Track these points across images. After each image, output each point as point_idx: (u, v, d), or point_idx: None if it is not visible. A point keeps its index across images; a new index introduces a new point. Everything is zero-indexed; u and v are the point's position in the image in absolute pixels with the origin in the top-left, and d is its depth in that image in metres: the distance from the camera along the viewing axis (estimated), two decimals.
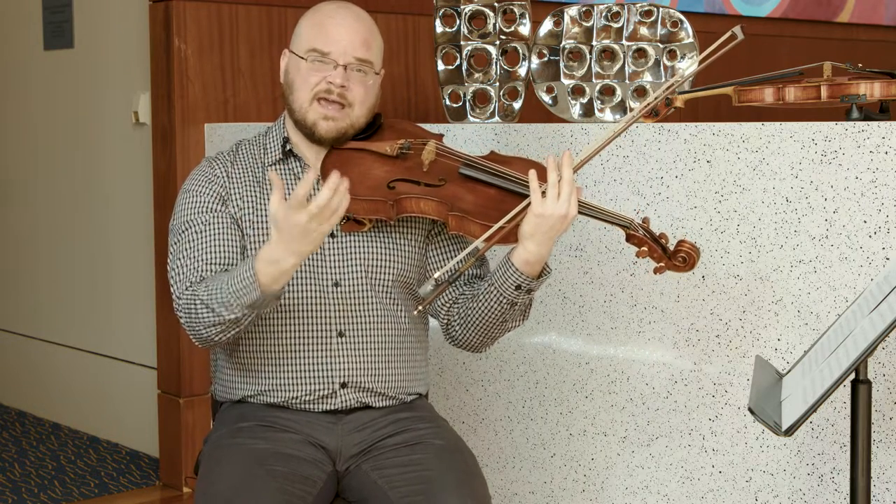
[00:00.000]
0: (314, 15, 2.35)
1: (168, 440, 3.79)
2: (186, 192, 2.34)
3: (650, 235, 2.23)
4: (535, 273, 2.23)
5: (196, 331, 2.20)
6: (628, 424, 2.86)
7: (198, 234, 2.28)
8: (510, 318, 2.30)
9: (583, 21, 3.12)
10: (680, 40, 3.04)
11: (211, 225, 2.29)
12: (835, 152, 2.51)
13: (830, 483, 2.56)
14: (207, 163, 2.37)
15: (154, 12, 3.72)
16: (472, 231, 2.23)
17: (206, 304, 2.16)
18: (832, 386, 1.87)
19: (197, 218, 2.30)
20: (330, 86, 2.28)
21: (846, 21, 5.68)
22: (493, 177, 2.27)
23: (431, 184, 2.27)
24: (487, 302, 2.27)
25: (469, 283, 2.37)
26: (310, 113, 2.30)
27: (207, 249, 2.27)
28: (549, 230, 2.17)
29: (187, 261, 2.26)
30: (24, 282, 4.69)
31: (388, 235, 2.34)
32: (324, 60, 2.29)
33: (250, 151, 2.39)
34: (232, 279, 2.13)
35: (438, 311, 2.37)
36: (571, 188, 2.16)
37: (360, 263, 2.31)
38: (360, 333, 2.31)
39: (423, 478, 2.21)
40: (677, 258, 2.23)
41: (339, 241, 2.32)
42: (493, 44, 3.22)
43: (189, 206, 2.32)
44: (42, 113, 4.53)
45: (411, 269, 2.36)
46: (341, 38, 2.29)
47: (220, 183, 2.33)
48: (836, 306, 2.53)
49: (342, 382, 2.29)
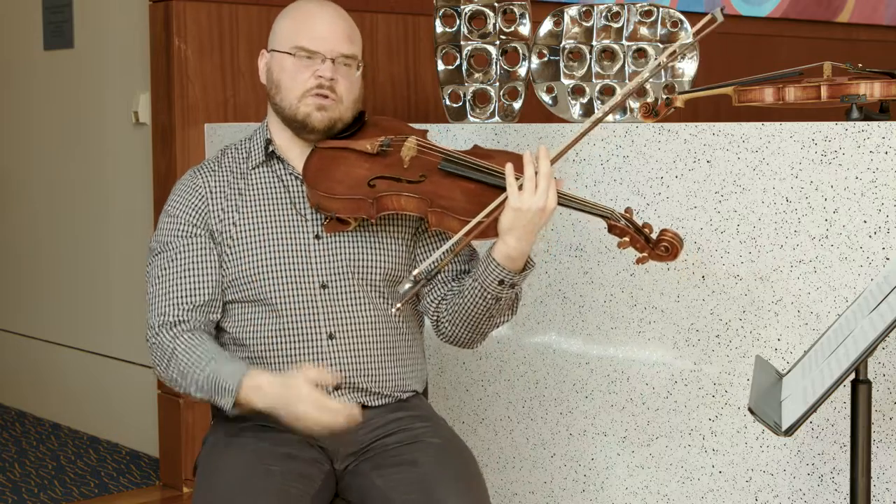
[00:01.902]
0: (294, 13, 2.35)
1: (168, 440, 3.79)
2: (166, 213, 2.36)
3: (633, 226, 2.22)
4: (517, 268, 2.22)
5: (159, 374, 2.29)
6: (628, 424, 2.86)
7: (173, 263, 2.30)
8: (497, 313, 2.29)
9: (583, 21, 3.12)
10: (680, 40, 3.04)
11: (188, 251, 2.30)
12: (835, 152, 2.51)
13: (830, 483, 2.56)
14: (191, 174, 2.38)
15: (154, 12, 3.72)
16: (453, 227, 2.22)
17: (181, 371, 2.23)
18: (832, 386, 1.87)
19: (175, 241, 2.31)
20: (320, 80, 2.29)
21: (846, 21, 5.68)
22: (474, 171, 2.26)
23: (411, 180, 2.26)
24: (472, 297, 2.27)
25: (457, 278, 2.36)
26: (301, 107, 2.30)
27: (184, 284, 2.29)
28: (528, 224, 2.16)
29: (162, 291, 2.29)
30: (24, 282, 4.69)
31: (374, 234, 2.33)
32: (311, 56, 2.30)
33: (234, 157, 2.39)
34: (215, 374, 2.19)
35: (428, 308, 2.37)
36: (549, 181, 2.16)
37: (347, 264, 2.31)
38: (351, 335, 2.30)
39: (423, 478, 2.20)
40: (660, 247, 2.21)
41: (324, 243, 2.31)
42: (493, 44, 3.22)
43: (168, 228, 2.33)
44: (42, 113, 4.53)
45: (400, 266, 2.35)
46: (327, 34, 2.30)
47: (201, 195, 2.33)
48: (836, 306, 2.53)
49: (335, 385, 2.29)
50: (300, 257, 2.29)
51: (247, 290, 2.29)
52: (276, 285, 2.28)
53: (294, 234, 2.30)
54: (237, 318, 2.32)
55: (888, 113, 2.78)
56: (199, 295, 2.29)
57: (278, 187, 2.34)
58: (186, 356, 2.22)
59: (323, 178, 2.26)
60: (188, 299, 2.28)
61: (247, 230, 2.31)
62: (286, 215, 2.32)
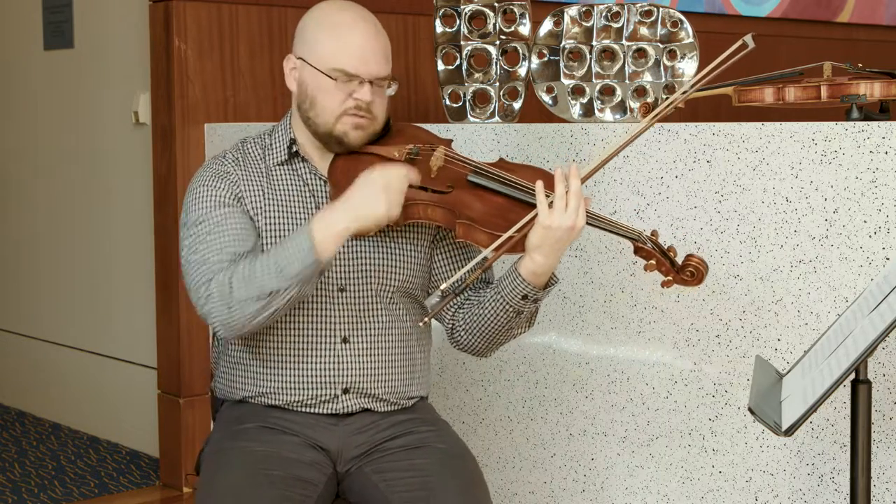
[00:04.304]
0: (332, 27, 2.27)
1: (168, 440, 3.79)
2: (198, 186, 2.28)
3: (658, 249, 2.23)
4: (541, 284, 2.22)
5: (226, 315, 2.14)
6: (628, 424, 2.86)
7: (215, 226, 2.23)
8: (516, 326, 2.29)
9: (583, 21, 3.12)
10: (680, 40, 3.04)
11: (228, 218, 2.24)
12: (835, 152, 2.51)
13: (830, 483, 2.56)
14: (217, 161, 2.32)
15: (154, 12, 3.72)
16: (479, 239, 2.21)
17: (246, 278, 2.12)
18: (832, 386, 1.87)
19: (212, 213, 2.24)
20: (358, 102, 2.25)
21: (846, 21, 5.68)
22: (502, 185, 2.25)
23: (439, 190, 2.25)
24: (493, 310, 2.27)
25: (474, 288, 2.36)
26: (338, 126, 2.26)
27: (229, 241, 2.21)
28: (557, 242, 2.16)
29: (208, 253, 2.19)
30: (24, 282, 4.69)
31: (394, 241, 2.32)
32: (351, 79, 2.25)
33: (254, 151, 2.36)
34: (282, 247, 2.12)
35: (443, 316, 2.36)
36: (579, 200, 2.15)
37: (366, 269, 2.30)
38: (364, 339, 2.29)
39: (425, 484, 2.20)
40: (685, 272, 2.23)
41: (344, 246, 2.28)
42: (493, 44, 3.22)
43: (203, 201, 2.26)
44: (42, 113, 4.53)
45: (417, 274, 2.35)
46: (367, 58, 2.25)
47: (234, 181, 2.29)
48: (836, 306, 2.53)
49: (344, 388, 2.28)
50: None
51: None
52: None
53: None
54: None
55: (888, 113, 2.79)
56: (244, 244, 2.21)
57: (300, 187, 2.32)
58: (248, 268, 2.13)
59: (349, 182, 2.21)
60: (233, 250, 2.20)
61: (270, 226, 2.28)
62: (309, 215, 2.28)
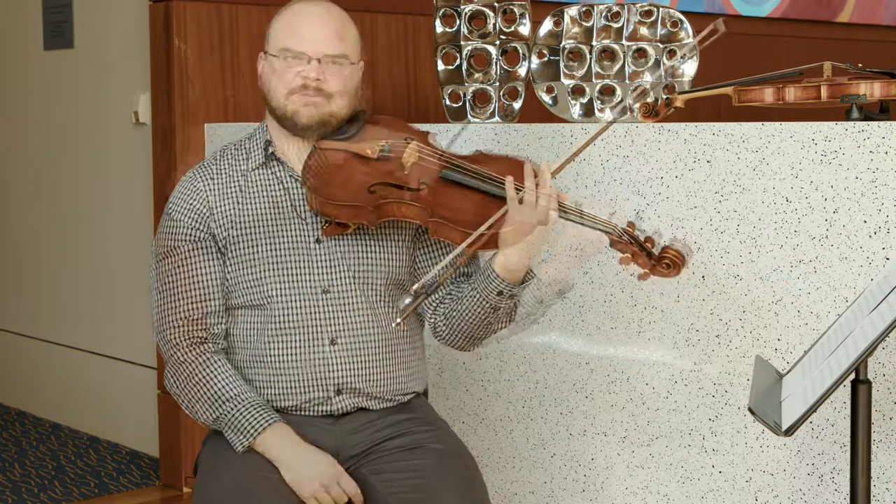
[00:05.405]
0: (284, 14, 2.34)
1: (168, 440, 3.79)
2: (168, 216, 2.35)
3: (635, 241, 2.17)
4: (517, 279, 2.21)
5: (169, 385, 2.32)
6: (628, 424, 2.86)
7: (180, 269, 2.29)
8: (494, 322, 2.28)
9: (583, 21, 3.12)
10: (680, 40, 3.04)
11: (194, 257, 2.30)
12: (835, 152, 2.51)
13: (830, 483, 2.56)
14: (192, 175, 2.36)
15: (154, 12, 3.72)
16: (453, 237, 2.20)
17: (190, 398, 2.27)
18: (832, 386, 1.87)
19: (180, 246, 2.30)
20: (305, 80, 2.27)
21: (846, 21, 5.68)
22: (475, 180, 2.22)
23: (412, 188, 2.23)
24: (470, 305, 2.26)
25: (456, 282, 2.35)
26: (289, 105, 2.28)
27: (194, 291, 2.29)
28: (529, 236, 2.15)
29: (173, 299, 2.29)
30: (24, 282, 4.69)
31: (374, 238, 2.32)
32: (298, 57, 2.28)
33: (234, 157, 2.37)
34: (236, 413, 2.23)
35: (425, 311, 2.36)
36: (548, 196, 2.14)
37: (348, 269, 2.29)
38: (353, 339, 2.29)
39: (423, 485, 2.20)
40: (662, 263, 2.16)
41: (325, 247, 2.29)
42: (493, 44, 3.22)
43: (171, 232, 2.33)
44: (42, 113, 4.53)
45: (401, 269, 2.34)
46: (313, 34, 2.28)
47: (203, 198, 2.32)
48: (836, 306, 2.53)
49: (337, 389, 2.28)
50: (302, 262, 2.28)
51: (248, 295, 2.29)
52: (277, 291, 2.27)
53: (295, 239, 2.29)
54: (239, 322, 2.31)
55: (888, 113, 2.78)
56: (210, 302, 2.29)
57: (278, 190, 2.33)
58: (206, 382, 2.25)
59: (322, 183, 2.23)
60: (200, 308, 2.27)
61: (248, 234, 2.30)
62: (287, 218, 2.30)
